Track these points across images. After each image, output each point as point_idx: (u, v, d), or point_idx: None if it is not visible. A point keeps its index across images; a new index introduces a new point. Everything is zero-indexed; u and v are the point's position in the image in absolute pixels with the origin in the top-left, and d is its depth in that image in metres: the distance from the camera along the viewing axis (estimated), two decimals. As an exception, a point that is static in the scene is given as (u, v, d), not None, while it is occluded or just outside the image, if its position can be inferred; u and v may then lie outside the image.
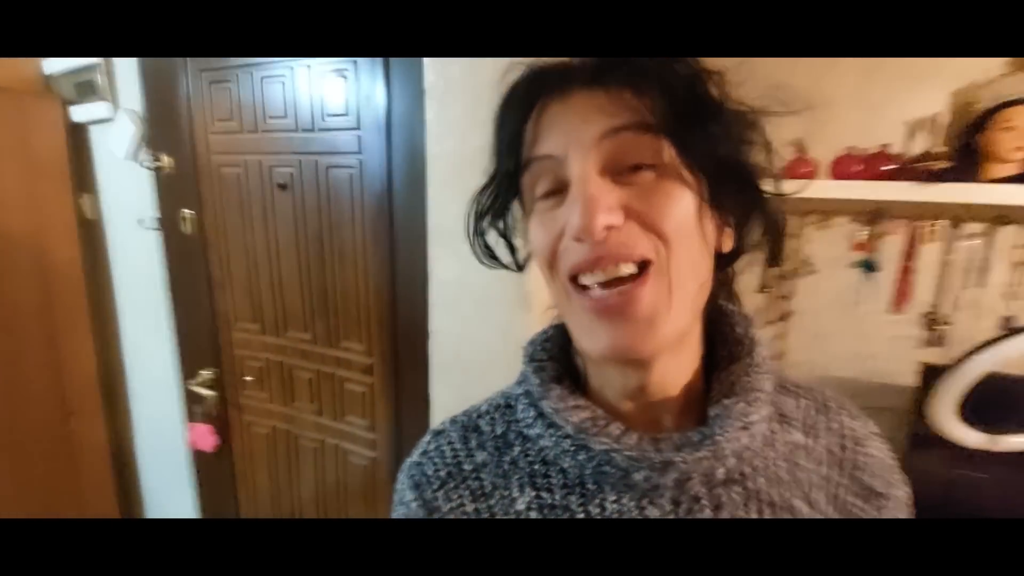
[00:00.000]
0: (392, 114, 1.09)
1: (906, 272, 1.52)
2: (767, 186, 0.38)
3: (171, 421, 1.67)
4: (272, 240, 1.31)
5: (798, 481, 0.39)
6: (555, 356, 0.44)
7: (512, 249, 0.46)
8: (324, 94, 1.16)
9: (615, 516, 0.37)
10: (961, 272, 1.44)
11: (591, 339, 0.37)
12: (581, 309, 0.37)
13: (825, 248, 1.57)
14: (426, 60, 0.91)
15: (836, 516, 0.40)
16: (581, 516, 0.38)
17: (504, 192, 0.42)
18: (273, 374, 1.40)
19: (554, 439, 0.39)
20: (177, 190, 1.40)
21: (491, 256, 0.46)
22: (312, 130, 1.20)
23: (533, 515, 0.39)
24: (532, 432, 0.41)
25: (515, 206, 0.43)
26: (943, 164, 1.34)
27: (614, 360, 0.37)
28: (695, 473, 0.36)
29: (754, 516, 0.37)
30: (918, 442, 1.29)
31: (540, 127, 0.38)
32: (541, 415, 0.41)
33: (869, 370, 1.58)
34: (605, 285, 0.35)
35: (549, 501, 0.39)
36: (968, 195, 1.30)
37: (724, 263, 0.41)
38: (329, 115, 1.17)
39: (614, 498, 0.37)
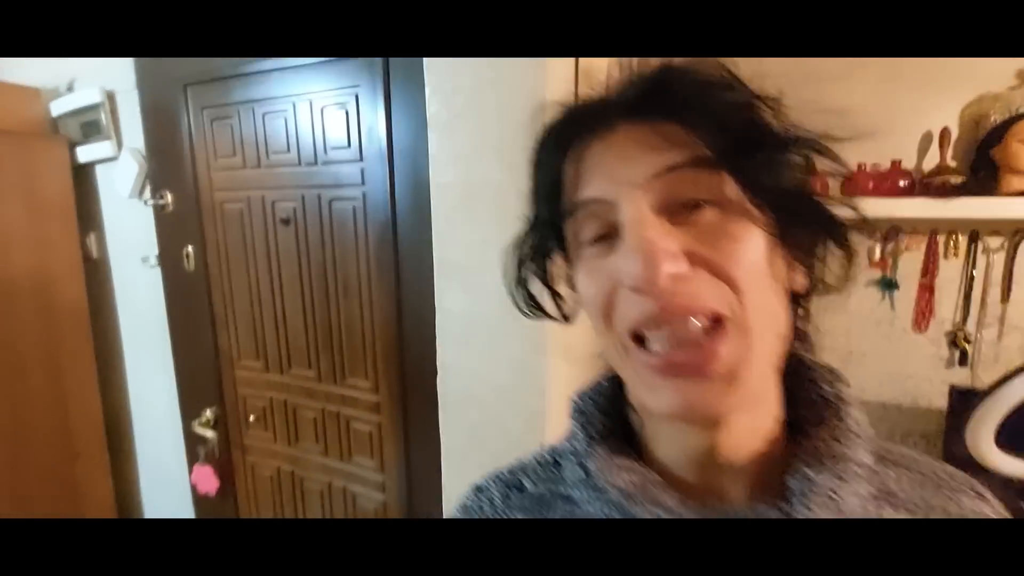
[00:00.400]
0: (394, 145, 1.07)
1: (926, 290, 1.47)
2: (837, 211, 0.34)
3: (174, 462, 1.63)
4: (275, 275, 1.29)
5: None
6: (605, 409, 0.40)
7: (557, 298, 0.42)
8: (326, 127, 1.15)
9: None
10: (983, 288, 1.40)
11: (655, 397, 0.32)
12: (643, 366, 0.32)
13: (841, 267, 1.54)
14: (428, 90, 0.89)
15: None
16: None
17: (545, 239, 0.39)
18: (277, 413, 1.36)
19: (599, 504, 0.35)
20: (180, 227, 1.39)
21: (536, 307, 0.42)
22: (315, 164, 1.19)
23: None
24: (577, 494, 0.37)
25: (558, 253, 0.40)
26: (959, 178, 1.31)
27: (683, 418, 0.33)
28: None
29: None
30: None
31: (582, 169, 0.34)
32: (587, 474, 0.36)
33: (895, 392, 1.52)
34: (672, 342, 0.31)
35: None
36: (986, 210, 1.26)
37: (794, 302, 0.36)
38: (332, 148, 1.16)
39: None
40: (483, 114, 0.86)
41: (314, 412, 1.30)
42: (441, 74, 0.88)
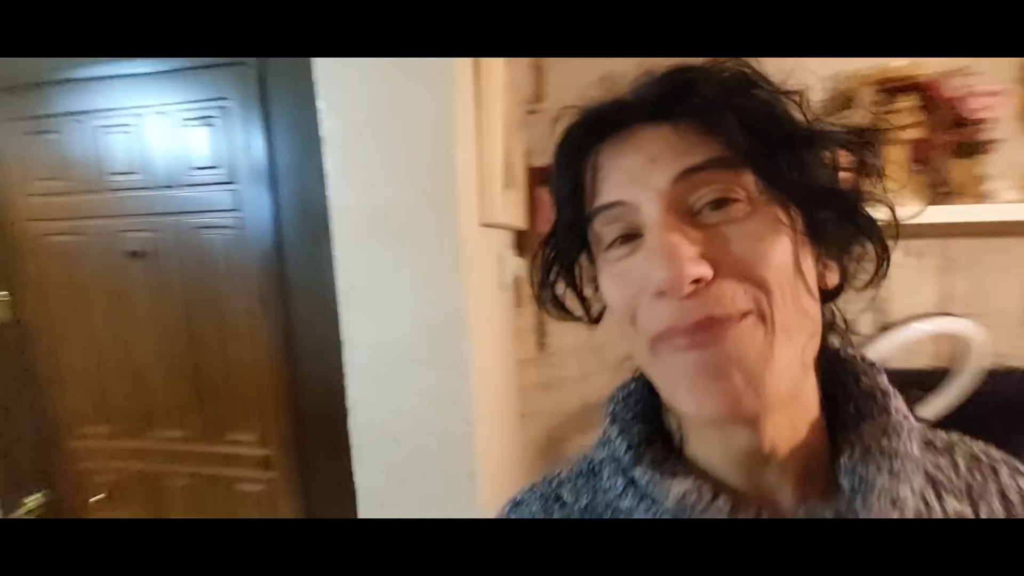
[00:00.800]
0: (276, 165, 0.97)
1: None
2: (873, 211, 0.33)
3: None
4: (126, 319, 1.08)
5: None
6: (641, 414, 0.38)
7: (584, 301, 0.40)
8: (186, 145, 1.00)
9: None
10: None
11: (685, 397, 0.31)
12: (669, 363, 0.31)
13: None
14: (323, 105, 0.81)
15: None
16: None
17: (569, 243, 0.37)
18: (136, 487, 1.13)
19: (650, 514, 0.33)
20: (-20, 269, 1.10)
21: (562, 309, 0.40)
22: (172, 187, 1.02)
23: None
24: (623, 505, 0.35)
25: (583, 255, 0.38)
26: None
27: (717, 421, 0.31)
28: None
29: None
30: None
31: (603, 172, 0.33)
32: (631, 484, 0.35)
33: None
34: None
35: None
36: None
37: (827, 299, 0.35)
38: (194, 169, 1.01)
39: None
40: (387, 132, 0.81)
41: (184, 479, 1.10)
42: (337, 88, 0.81)
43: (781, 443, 0.33)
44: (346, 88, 0.81)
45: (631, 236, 0.32)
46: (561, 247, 0.38)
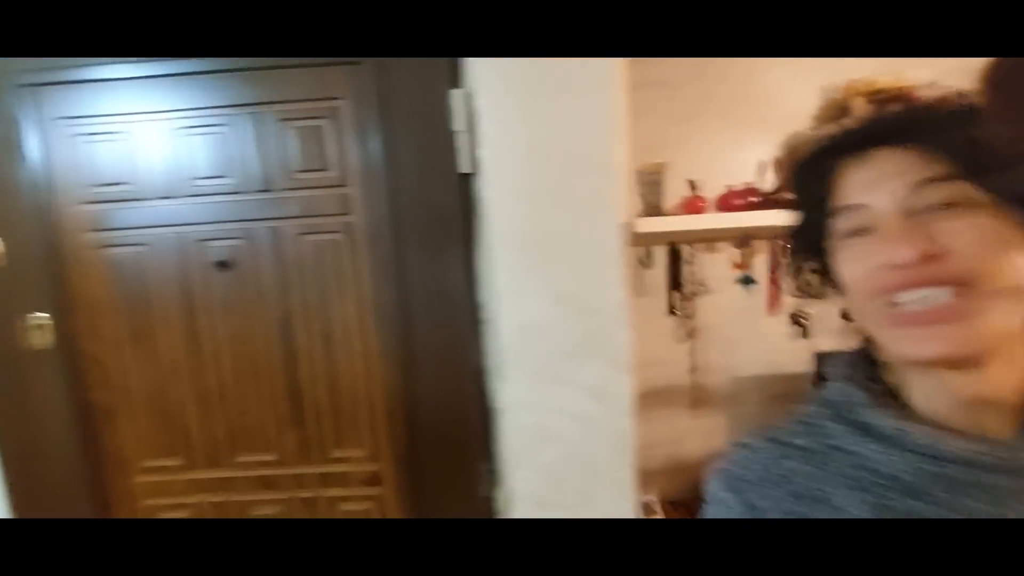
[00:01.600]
0: (396, 168, 0.93)
1: (774, 282, 1.85)
2: None
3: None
4: (205, 337, 0.98)
5: None
6: (870, 376, 0.47)
7: (822, 279, 0.49)
8: (288, 147, 0.94)
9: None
10: (812, 276, 1.83)
11: (914, 346, 0.41)
12: (900, 323, 0.41)
13: (714, 270, 1.84)
14: (483, 107, 0.80)
15: None
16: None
17: (815, 234, 0.47)
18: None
19: (890, 449, 0.42)
20: (16, 288, 0.95)
21: (809, 289, 0.50)
22: (269, 191, 0.95)
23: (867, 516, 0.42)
24: (852, 447, 0.44)
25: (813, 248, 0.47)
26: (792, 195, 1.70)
27: (932, 360, 0.41)
28: None
29: None
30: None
31: (845, 182, 0.44)
32: (862, 429, 0.44)
33: (761, 365, 1.88)
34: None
35: (885, 504, 0.41)
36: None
37: None
38: (298, 172, 0.94)
39: (965, 501, 0.40)
40: (542, 127, 0.82)
41: (276, 507, 1.01)
42: (491, 90, 0.81)
43: (1004, 389, 0.42)
44: (499, 91, 0.81)
45: (865, 229, 0.43)
46: (809, 239, 0.48)
